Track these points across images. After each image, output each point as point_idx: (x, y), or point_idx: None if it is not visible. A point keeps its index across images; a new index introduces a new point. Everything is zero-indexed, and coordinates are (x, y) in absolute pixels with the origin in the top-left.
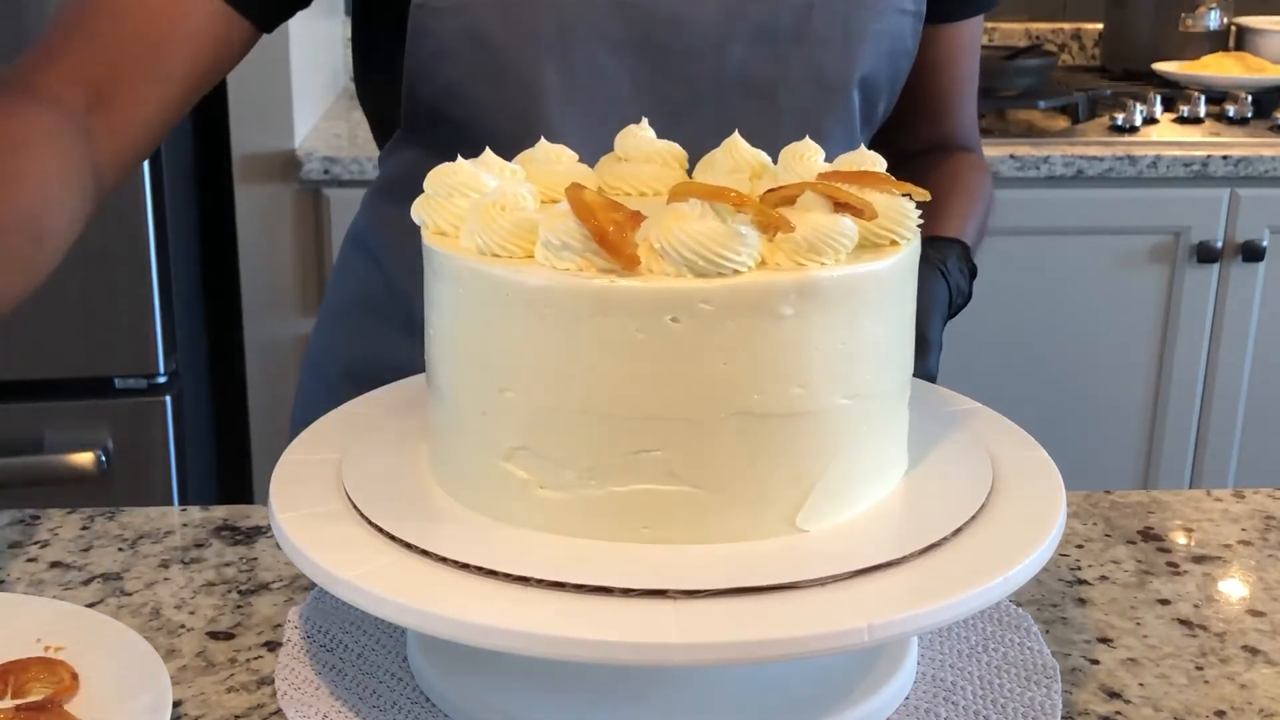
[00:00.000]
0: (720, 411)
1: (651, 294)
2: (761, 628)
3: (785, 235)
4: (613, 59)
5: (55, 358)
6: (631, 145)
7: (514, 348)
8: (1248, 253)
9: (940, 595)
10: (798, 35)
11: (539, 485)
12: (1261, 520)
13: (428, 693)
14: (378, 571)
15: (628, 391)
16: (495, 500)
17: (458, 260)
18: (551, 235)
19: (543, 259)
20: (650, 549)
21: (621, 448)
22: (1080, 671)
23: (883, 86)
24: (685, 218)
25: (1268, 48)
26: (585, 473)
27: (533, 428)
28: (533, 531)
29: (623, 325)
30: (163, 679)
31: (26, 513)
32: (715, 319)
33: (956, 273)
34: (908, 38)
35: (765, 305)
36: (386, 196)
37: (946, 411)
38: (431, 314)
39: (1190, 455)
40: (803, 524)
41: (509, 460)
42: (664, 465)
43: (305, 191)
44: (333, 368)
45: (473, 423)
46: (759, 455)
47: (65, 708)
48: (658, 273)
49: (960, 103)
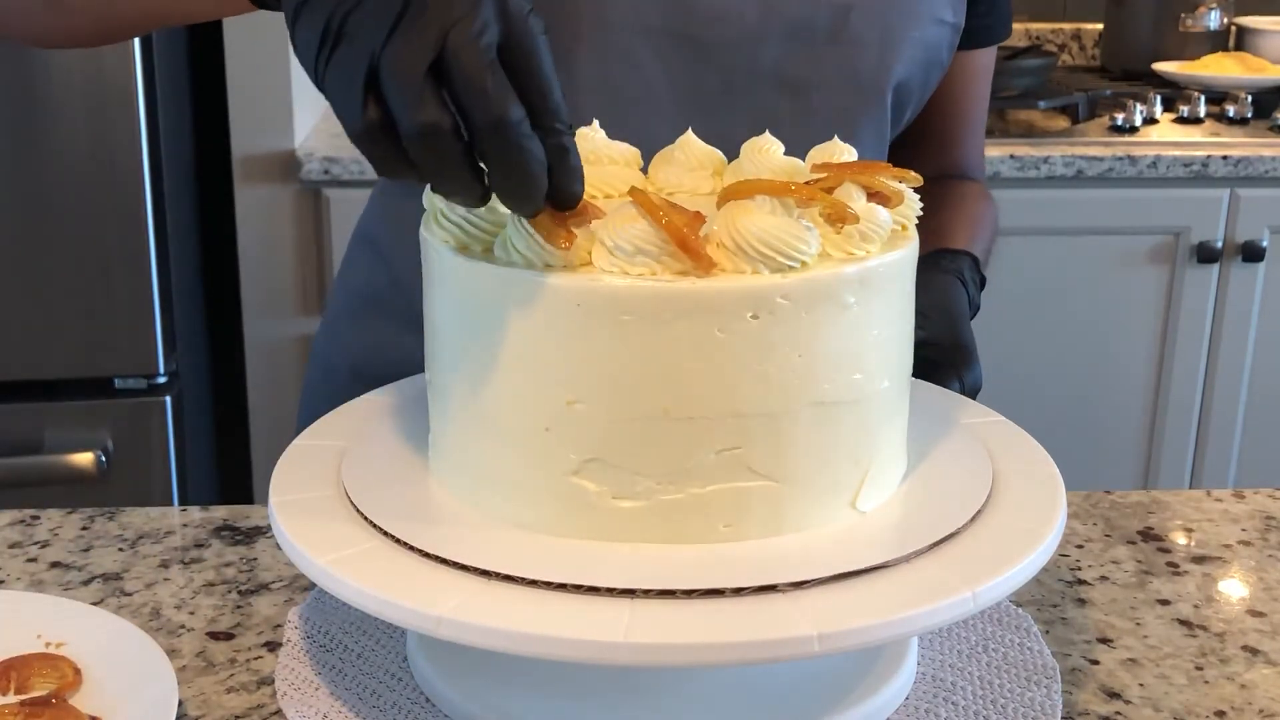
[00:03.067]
0: (796, 403)
1: (733, 293)
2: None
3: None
4: (648, 49)
5: (55, 358)
6: (588, 148)
7: (586, 358)
8: (1248, 253)
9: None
10: (834, 35)
11: (612, 496)
12: (1261, 520)
13: (428, 693)
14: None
15: (709, 392)
16: (560, 517)
17: (517, 274)
18: (622, 240)
19: (609, 265)
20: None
21: (704, 449)
22: (1080, 671)
23: (914, 94)
24: (754, 214)
25: (1268, 48)
26: (665, 478)
27: (608, 438)
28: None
29: (705, 326)
30: (167, 672)
31: (26, 513)
32: (792, 313)
33: (970, 282)
34: (943, 49)
35: (834, 296)
36: (394, 193)
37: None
38: (468, 336)
39: (1190, 455)
40: (861, 506)
41: (578, 474)
42: (744, 462)
43: (305, 191)
44: (339, 365)
45: (534, 440)
46: (828, 443)
47: (70, 702)
48: (731, 271)
49: (967, 132)
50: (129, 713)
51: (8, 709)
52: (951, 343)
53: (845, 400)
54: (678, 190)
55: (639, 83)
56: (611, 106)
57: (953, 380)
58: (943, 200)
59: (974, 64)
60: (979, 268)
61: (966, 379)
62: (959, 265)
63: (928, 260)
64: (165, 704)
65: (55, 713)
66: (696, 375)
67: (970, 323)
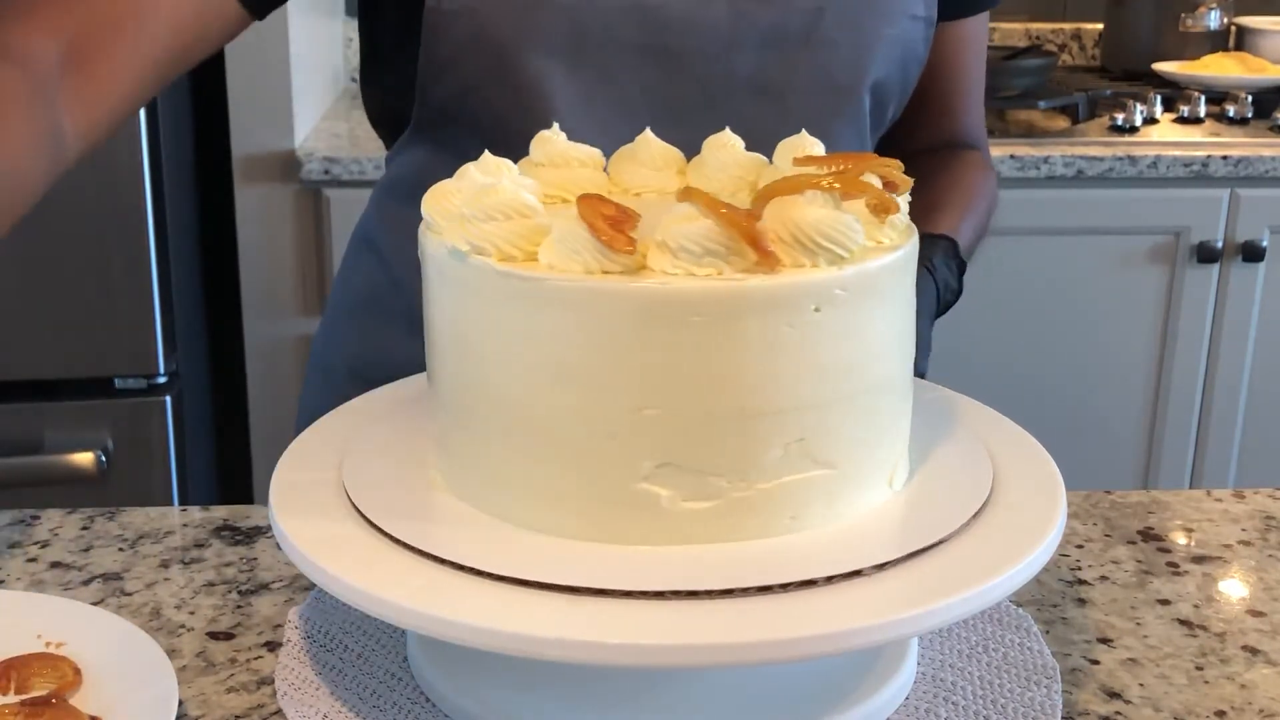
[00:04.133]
0: (850, 391)
1: (798, 287)
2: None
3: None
4: (624, 62)
5: (55, 358)
6: (551, 151)
7: (655, 363)
8: (1248, 253)
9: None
10: (807, 39)
11: (683, 499)
12: (1261, 520)
13: (428, 693)
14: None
15: (779, 386)
16: (626, 525)
17: (575, 283)
18: (687, 242)
19: (672, 267)
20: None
21: (774, 443)
22: (1080, 671)
23: (893, 92)
24: (808, 208)
25: (1268, 48)
26: (738, 476)
27: (681, 441)
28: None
29: (775, 321)
30: (167, 671)
31: (26, 513)
32: (849, 303)
33: (943, 268)
34: (919, 44)
35: (880, 285)
36: (394, 195)
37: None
38: (506, 351)
39: (1190, 455)
40: (896, 486)
41: (649, 480)
42: (809, 452)
43: (305, 191)
44: (338, 366)
45: (598, 450)
46: (874, 427)
47: (70, 702)
48: (790, 265)
49: (964, 101)
50: (129, 712)
51: (8, 709)
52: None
53: (886, 384)
54: (644, 189)
55: (616, 96)
56: (590, 120)
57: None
58: (937, 174)
59: (965, 32)
60: (957, 252)
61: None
62: (930, 252)
63: None
64: (166, 704)
65: (55, 713)
66: (766, 371)
67: (933, 313)
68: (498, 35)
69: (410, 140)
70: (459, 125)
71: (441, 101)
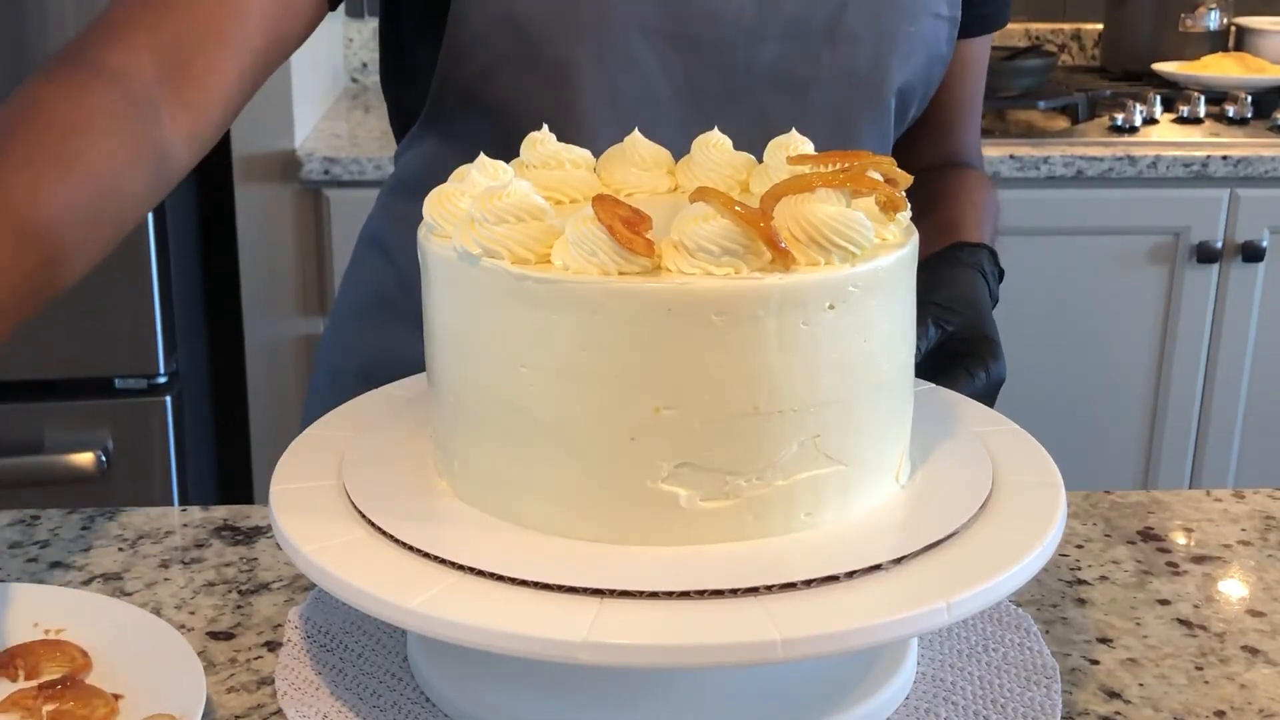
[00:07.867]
0: (861, 387)
1: (815, 284)
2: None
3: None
4: (648, 49)
5: (55, 358)
6: (542, 153)
7: (675, 363)
8: (1248, 253)
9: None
10: (831, 33)
11: (701, 499)
12: (1261, 520)
13: (428, 693)
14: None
15: (796, 384)
16: (643, 525)
17: (592, 285)
18: (705, 241)
19: (690, 267)
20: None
21: (791, 441)
22: (1080, 671)
23: (917, 91)
24: (821, 206)
25: (1268, 48)
26: (756, 474)
27: (701, 441)
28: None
29: (793, 319)
30: (179, 643)
31: (26, 513)
32: (861, 300)
33: (990, 275)
34: (942, 42)
35: (889, 281)
36: (402, 193)
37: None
38: (530, 354)
39: (1190, 455)
40: (901, 481)
41: (668, 481)
42: (823, 449)
43: (305, 191)
44: (346, 368)
45: (616, 452)
46: (882, 422)
47: (87, 683)
48: (804, 263)
49: (965, 120)
50: (153, 686)
51: (27, 693)
52: (978, 335)
53: (893, 380)
54: (636, 190)
55: (640, 84)
56: (614, 109)
57: (980, 371)
58: (950, 189)
59: (970, 52)
60: (996, 260)
61: (992, 370)
62: (979, 258)
63: (947, 253)
64: (189, 671)
65: (77, 693)
66: (784, 369)
67: (992, 317)
68: (524, 16)
69: (419, 134)
70: (474, 110)
71: (462, 85)
